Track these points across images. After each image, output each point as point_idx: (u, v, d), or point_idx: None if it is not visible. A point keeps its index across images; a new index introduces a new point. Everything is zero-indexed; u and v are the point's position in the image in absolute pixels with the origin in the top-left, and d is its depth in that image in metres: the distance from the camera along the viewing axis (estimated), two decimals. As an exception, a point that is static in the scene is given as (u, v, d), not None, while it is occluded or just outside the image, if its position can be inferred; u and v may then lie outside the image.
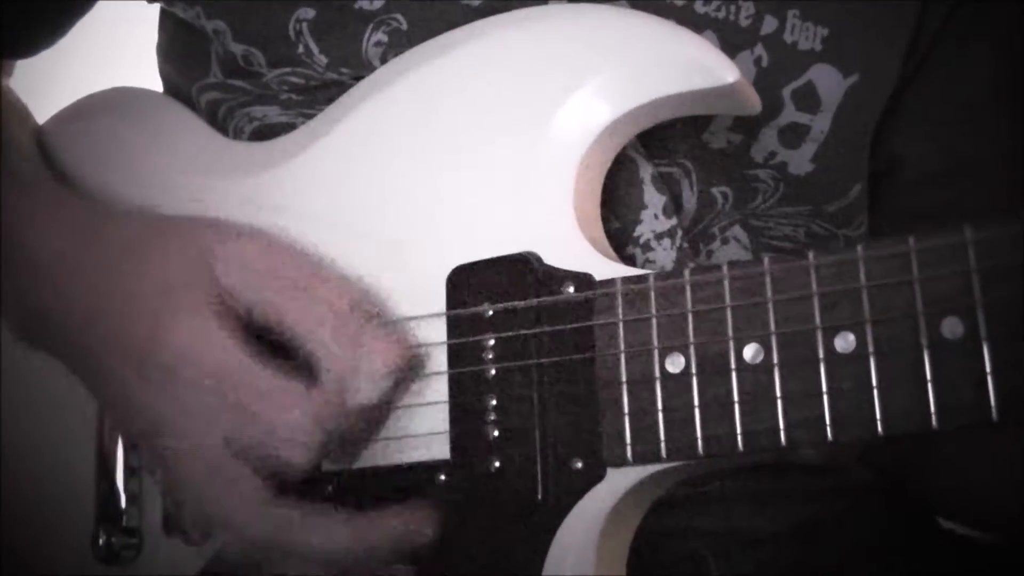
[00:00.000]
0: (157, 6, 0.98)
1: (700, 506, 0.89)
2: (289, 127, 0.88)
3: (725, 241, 0.87)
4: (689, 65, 0.74)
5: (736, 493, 0.91)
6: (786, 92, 0.84)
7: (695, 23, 0.81)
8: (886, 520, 0.99)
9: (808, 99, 0.84)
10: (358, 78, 0.85)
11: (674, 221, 0.83)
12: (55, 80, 1.08)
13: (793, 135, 0.84)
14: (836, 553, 0.94)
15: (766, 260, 0.70)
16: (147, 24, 1.01)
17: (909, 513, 1.01)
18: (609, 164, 0.78)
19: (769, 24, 0.83)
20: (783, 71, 0.83)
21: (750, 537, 0.91)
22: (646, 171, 0.83)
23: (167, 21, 0.99)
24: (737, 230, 0.87)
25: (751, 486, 0.91)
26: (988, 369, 0.64)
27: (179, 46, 0.97)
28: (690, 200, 0.85)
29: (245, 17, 0.87)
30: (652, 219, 0.82)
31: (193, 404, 0.75)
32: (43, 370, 0.83)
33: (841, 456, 0.96)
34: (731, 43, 0.82)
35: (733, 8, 0.82)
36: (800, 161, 0.85)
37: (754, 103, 0.76)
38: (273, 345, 0.76)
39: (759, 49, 0.83)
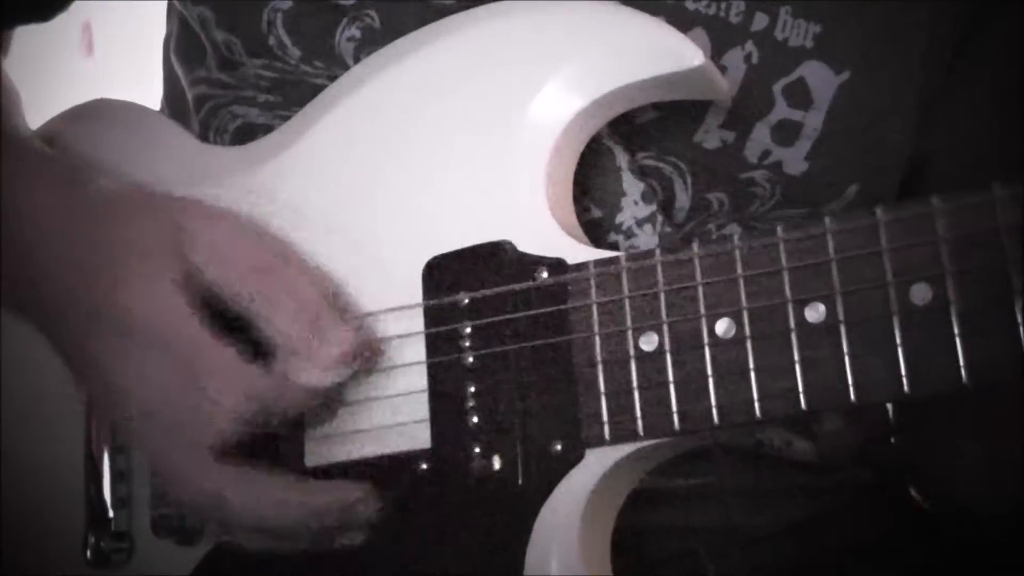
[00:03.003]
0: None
1: (698, 503, 0.89)
2: (268, 128, 0.89)
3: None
4: (655, 51, 0.75)
5: (734, 491, 0.90)
6: (777, 88, 0.83)
7: (685, 20, 0.81)
8: (885, 520, 0.98)
9: (799, 96, 0.84)
10: (331, 75, 0.86)
11: (653, 207, 0.83)
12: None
13: (786, 132, 0.84)
14: (834, 552, 0.93)
15: (736, 237, 0.70)
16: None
17: (908, 513, 1.01)
18: (581, 151, 0.79)
19: (760, 21, 0.83)
20: (774, 68, 0.83)
21: (747, 535, 0.91)
22: (623, 160, 0.83)
23: (173, 10, 1.00)
24: (734, 228, 0.87)
25: (749, 484, 0.91)
26: (957, 333, 0.64)
27: (182, 34, 0.98)
28: (683, 199, 0.85)
29: (224, 4, 0.89)
30: (632, 206, 0.83)
31: (140, 364, 0.76)
32: (31, 376, 0.84)
33: (839, 453, 0.96)
34: (721, 40, 0.82)
35: (724, 5, 0.82)
36: (795, 159, 0.85)
37: (724, 88, 0.77)
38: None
39: (749, 46, 0.83)
